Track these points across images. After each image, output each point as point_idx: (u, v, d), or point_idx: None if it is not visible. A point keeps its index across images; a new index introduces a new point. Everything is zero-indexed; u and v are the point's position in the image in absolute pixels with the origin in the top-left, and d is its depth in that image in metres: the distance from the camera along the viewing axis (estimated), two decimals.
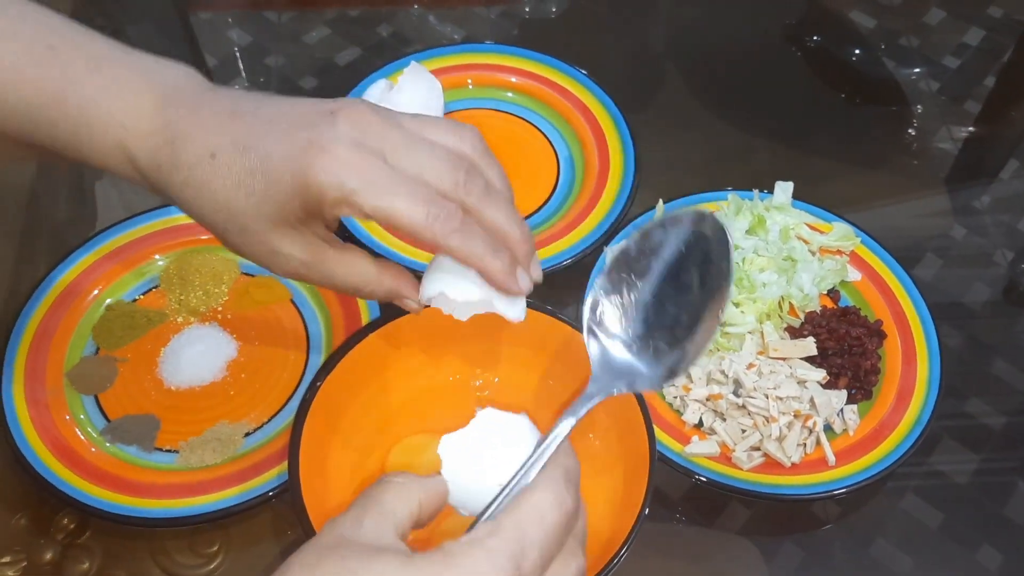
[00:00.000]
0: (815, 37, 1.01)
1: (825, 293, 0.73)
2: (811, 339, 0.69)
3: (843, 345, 0.69)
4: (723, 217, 0.75)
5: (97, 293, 0.71)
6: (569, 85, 0.85)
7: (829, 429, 0.66)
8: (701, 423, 0.66)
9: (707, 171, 0.85)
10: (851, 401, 0.67)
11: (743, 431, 0.65)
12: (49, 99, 0.45)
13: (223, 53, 0.95)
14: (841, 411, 0.66)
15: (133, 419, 0.65)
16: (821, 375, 0.67)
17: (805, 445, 0.65)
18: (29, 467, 0.60)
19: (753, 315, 0.70)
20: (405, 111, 0.48)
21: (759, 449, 0.64)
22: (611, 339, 0.48)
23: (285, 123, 0.45)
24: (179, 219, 0.73)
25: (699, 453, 0.64)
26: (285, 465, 0.58)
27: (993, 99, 0.95)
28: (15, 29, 0.46)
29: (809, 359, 0.68)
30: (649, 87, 0.95)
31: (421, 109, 0.78)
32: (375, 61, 0.89)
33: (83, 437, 0.64)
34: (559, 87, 0.85)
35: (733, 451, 0.64)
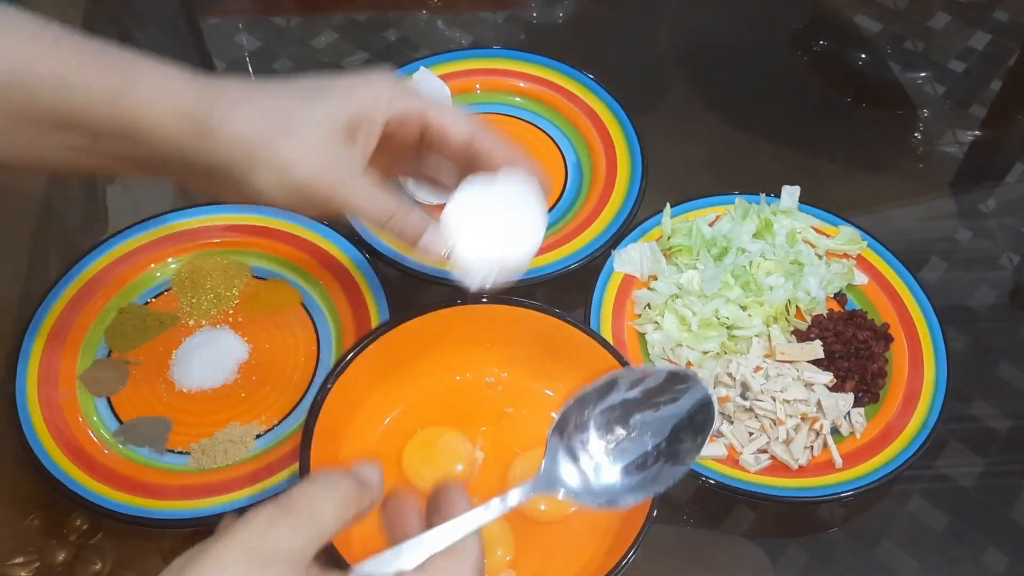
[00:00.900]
0: (821, 41, 1.01)
1: (832, 296, 0.74)
2: (818, 342, 0.69)
3: (850, 348, 0.69)
4: (729, 221, 0.75)
5: (109, 296, 0.71)
6: (576, 89, 0.85)
7: (836, 432, 0.66)
8: None
9: (714, 175, 0.85)
10: (858, 404, 0.67)
11: (750, 434, 0.65)
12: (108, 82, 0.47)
13: (232, 58, 0.96)
14: (848, 414, 0.67)
15: (145, 421, 0.66)
16: (828, 378, 0.67)
17: (812, 448, 0.65)
18: (42, 468, 0.61)
19: (760, 318, 0.70)
20: None
21: (766, 452, 0.65)
22: (572, 457, 0.45)
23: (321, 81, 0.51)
24: (191, 223, 0.74)
25: (706, 456, 0.64)
26: (296, 467, 0.59)
27: (999, 103, 0.95)
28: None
29: (816, 362, 0.69)
30: (656, 91, 0.95)
31: None
32: (383, 66, 0.90)
33: (96, 439, 0.64)
34: (566, 91, 0.85)
35: (740, 454, 0.64)
